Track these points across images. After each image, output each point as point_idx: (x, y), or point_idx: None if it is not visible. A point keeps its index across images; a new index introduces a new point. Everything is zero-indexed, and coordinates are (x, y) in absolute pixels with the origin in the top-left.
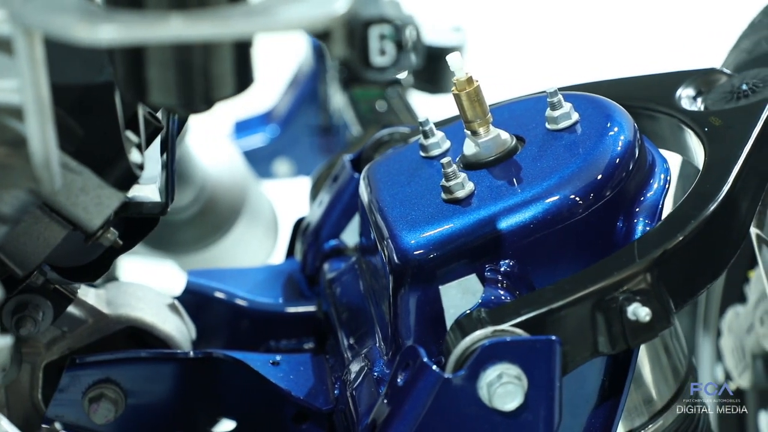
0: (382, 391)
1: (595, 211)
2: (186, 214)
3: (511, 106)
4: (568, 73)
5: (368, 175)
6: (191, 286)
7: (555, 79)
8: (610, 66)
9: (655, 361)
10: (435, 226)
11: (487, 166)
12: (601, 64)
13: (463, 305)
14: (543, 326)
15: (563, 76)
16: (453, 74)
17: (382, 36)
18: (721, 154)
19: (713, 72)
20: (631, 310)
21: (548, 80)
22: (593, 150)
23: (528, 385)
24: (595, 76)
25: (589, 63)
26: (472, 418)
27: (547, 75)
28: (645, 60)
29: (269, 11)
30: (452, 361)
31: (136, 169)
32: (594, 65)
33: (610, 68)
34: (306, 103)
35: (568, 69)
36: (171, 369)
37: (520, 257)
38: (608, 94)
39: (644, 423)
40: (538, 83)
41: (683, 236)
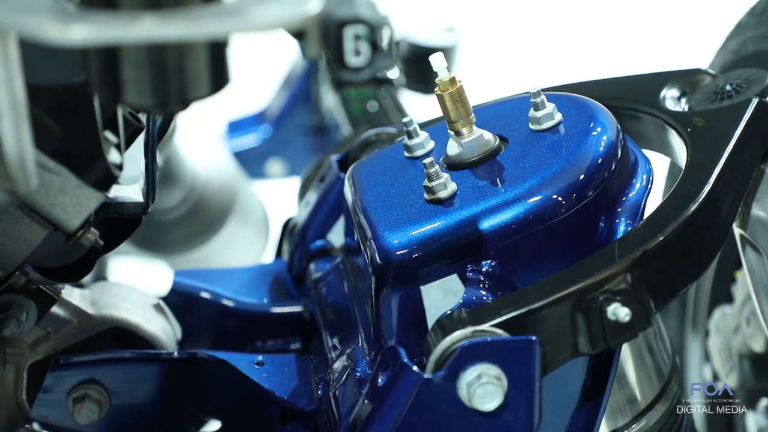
0: (364, 392)
1: (577, 212)
2: (175, 214)
3: (495, 106)
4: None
5: (352, 175)
6: (177, 287)
7: (546, 79)
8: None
9: (639, 361)
10: (417, 226)
11: (470, 167)
12: (591, 65)
13: (445, 305)
14: (523, 326)
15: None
16: None
17: (356, 36)
18: (703, 154)
19: (698, 73)
20: (611, 311)
21: (540, 80)
22: (576, 150)
23: (508, 386)
24: (584, 76)
25: (581, 63)
26: (453, 419)
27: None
28: (634, 60)
29: (242, 11)
30: (432, 362)
31: (115, 169)
32: (584, 65)
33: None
34: (299, 103)
35: (560, 69)
36: (155, 369)
37: (502, 257)
38: (593, 94)
39: (628, 423)
40: (531, 83)
41: (663, 237)
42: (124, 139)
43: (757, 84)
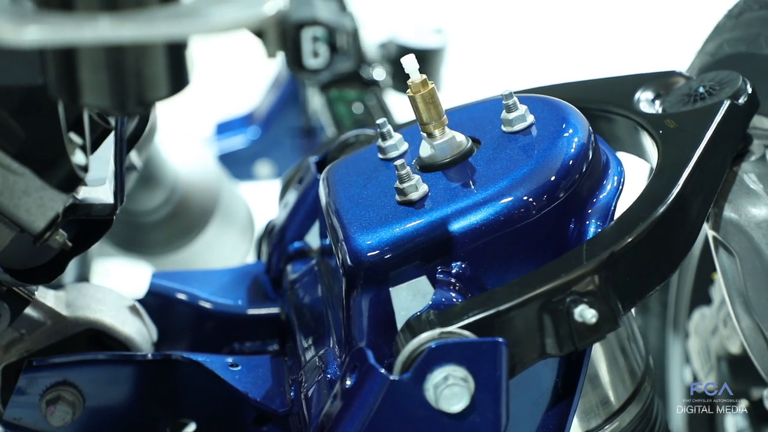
0: (332, 393)
1: (547, 213)
2: (157, 216)
3: (469, 108)
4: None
5: (327, 176)
6: (154, 288)
7: (533, 79)
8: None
9: (611, 363)
10: (388, 228)
11: (442, 168)
12: (578, 65)
13: (414, 307)
14: (491, 328)
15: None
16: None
17: (315, 38)
18: (673, 156)
19: (672, 75)
20: (578, 312)
21: (528, 81)
22: (547, 152)
23: (474, 387)
24: (570, 76)
25: (568, 64)
26: (420, 420)
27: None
28: (619, 61)
29: (198, 13)
30: (399, 363)
31: (80, 170)
32: (571, 66)
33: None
34: (287, 105)
35: (547, 70)
36: (129, 371)
37: (473, 259)
38: (567, 96)
39: (600, 424)
40: (519, 84)
41: (631, 238)
42: (91, 141)
43: (729, 86)
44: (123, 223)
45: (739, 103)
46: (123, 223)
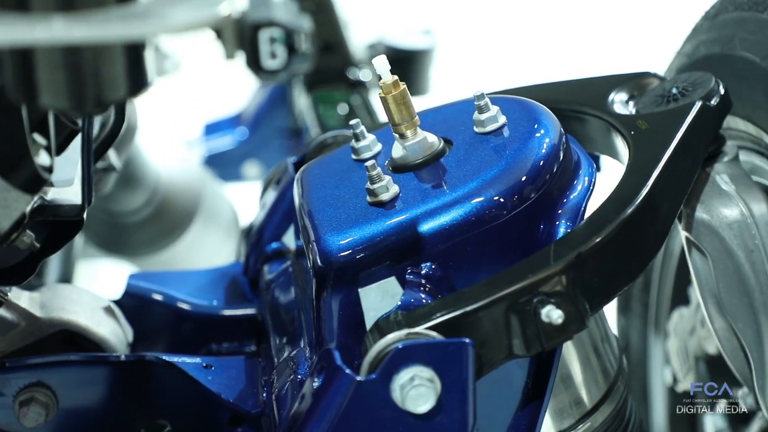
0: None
1: (518, 214)
2: (139, 217)
3: (442, 109)
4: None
5: (301, 177)
6: (131, 289)
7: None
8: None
9: (584, 363)
10: (358, 228)
11: (414, 169)
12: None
13: (383, 308)
14: (458, 329)
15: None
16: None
17: (272, 39)
18: (644, 157)
19: (646, 76)
20: (545, 313)
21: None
22: (518, 152)
23: (441, 388)
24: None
25: (557, 64)
26: (387, 421)
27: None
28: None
29: (152, 13)
30: (366, 364)
31: (44, 171)
32: (560, 66)
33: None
34: (275, 105)
35: (535, 70)
36: (103, 372)
37: (442, 260)
38: (542, 97)
39: (573, 424)
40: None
41: (599, 239)
42: (58, 142)
43: (702, 87)
44: (105, 224)
45: (711, 104)
46: (105, 224)
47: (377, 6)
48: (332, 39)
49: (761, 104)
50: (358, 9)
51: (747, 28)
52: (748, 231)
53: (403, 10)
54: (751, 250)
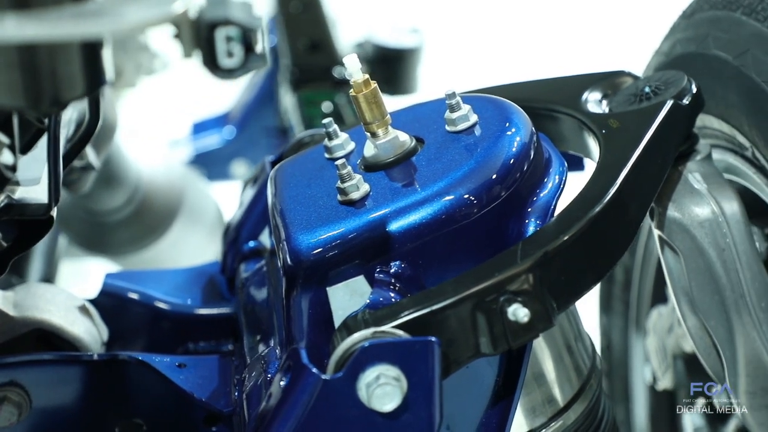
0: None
1: (488, 212)
2: (120, 216)
3: (415, 108)
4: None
5: (275, 176)
6: (108, 288)
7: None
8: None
9: (557, 361)
10: (328, 227)
11: (385, 168)
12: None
13: (351, 307)
14: (424, 327)
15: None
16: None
17: (228, 38)
18: (614, 155)
19: (621, 75)
20: (511, 311)
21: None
22: (488, 151)
23: (407, 386)
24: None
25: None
26: (354, 419)
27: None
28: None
29: (106, 11)
30: (332, 363)
31: (7, 170)
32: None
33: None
34: (263, 104)
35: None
36: (76, 371)
37: (412, 259)
38: (516, 96)
39: (545, 422)
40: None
41: (566, 237)
42: (24, 141)
43: (674, 86)
44: (86, 223)
45: (682, 103)
46: (86, 223)
47: (365, 5)
48: (319, 38)
49: (734, 103)
50: (345, 8)
51: (721, 26)
52: (719, 229)
53: (391, 8)
54: (723, 249)
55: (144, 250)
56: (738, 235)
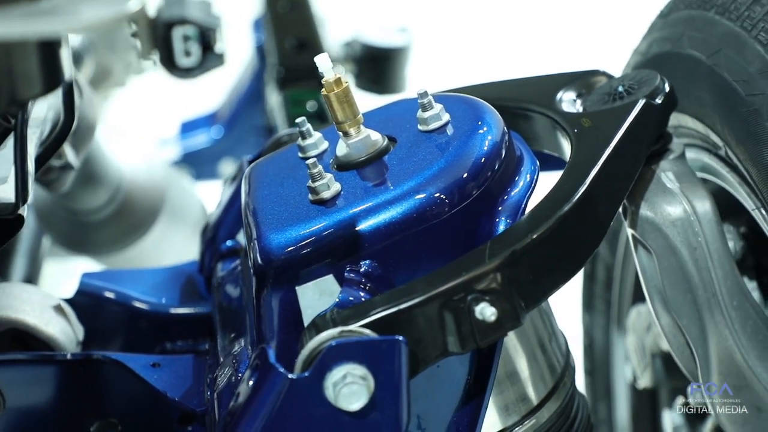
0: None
1: (459, 211)
2: (102, 215)
3: (388, 107)
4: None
5: (249, 175)
6: (84, 288)
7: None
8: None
9: (531, 359)
10: (298, 226)
11: (357, 167)
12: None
13: (321, 306)
14: (392, 326)
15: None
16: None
17: (186, 37)
18: (584, 154)
19: (595, 74)
20: (479, 310)
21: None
22: (459, 149)
23: (374, 385)
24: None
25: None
26: (321, 418)
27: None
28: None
29: (62, 10)
30: (299, 362)
31: None
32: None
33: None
34: (251, 103)
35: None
36: (51, 371)
37: (382, 258)
38: (491, 95)
39: (519, 420)
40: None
41: (534, 236)
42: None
43: (647, 85)
44: (67, 222)
45: (655, 102)
46: (67, 222)
47: (353, 4)
48: (306, 37)
49: (707, 102)
50: (334, 7)
51: (695, 26)
52: (691, 228)
53: (379, 8)
54: (694, 248)
55: (127, 250)
56: (710, 234)
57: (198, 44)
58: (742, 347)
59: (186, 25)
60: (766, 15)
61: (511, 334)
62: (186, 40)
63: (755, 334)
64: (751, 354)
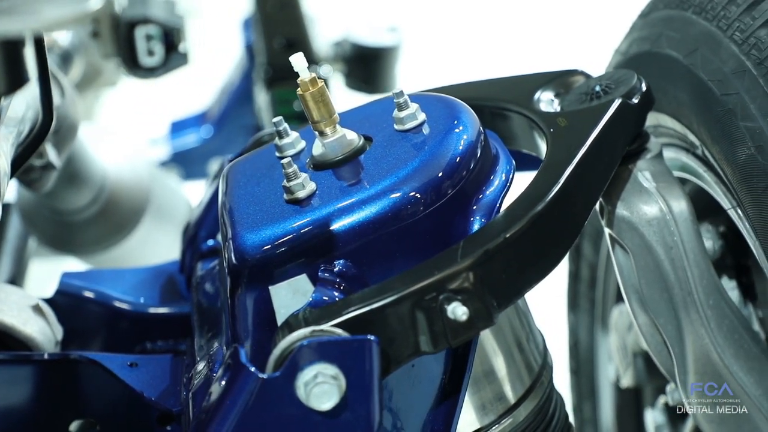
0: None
1: (434, 210)
2: (86, 214)
3: (365, 107)
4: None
5: (227, 174)
6: (64, 287)
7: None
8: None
9: (508, 358)
10: (272, 226)
11: (333, 167)
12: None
13: (294, 305)
14: (364, 326)
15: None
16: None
17: (148, 37)
18: (559, 154)
19: (574, 73)
20: (450, 310)
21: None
22: (435, 149)
23: (346, 385)
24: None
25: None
26: (293, 418)
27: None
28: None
29: (21, 9)
30: (271, 362)
31: None
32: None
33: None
34: (240, 103)
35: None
36: (27, 371)
37: (356, 257)
38: (469, 95)
39: (495, 419)
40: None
41: (507, 236)
42: None
43: (624, 85)
44: (51, 222)
45: (631, 101)
46: (51, 222)
47: (344, 3)
48: (295, 36)
49: (684, 102)
50: (324, 6)
51: (673, 26)
52: (667, 228)
53: (369, 7)
54: (670, 247)
55: (112, 249)
56: (686, 233)
57: (161, 44)
58: (718, 346)
59: (149, 24)
60: (741, 15)
61: (488, 332)
62: (149, 39)
63: (731, 333)
64: (727, 353)
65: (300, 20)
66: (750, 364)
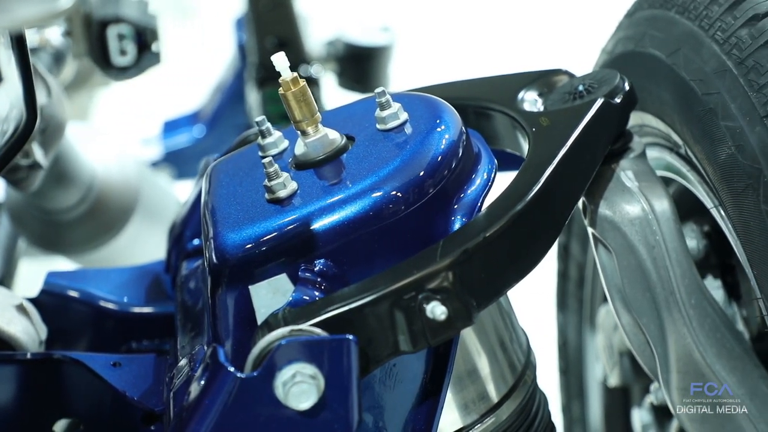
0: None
1: (415, 209)
2: (74, 214)
3: (348, 107)
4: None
5: (210, 173)
6: (49, 287)
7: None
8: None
9: (491, 357)
10: (253, 225)
11: (315, 166)
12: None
13: (274, 305)
14: (343, 325)
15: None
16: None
17: (120, 36)
18: (540, 153)
19: (558, 73)
20: (429, 309)
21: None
22: (416, 148)
23: (324, 385)
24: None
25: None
26: (271, 418)
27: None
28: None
29: None
30: (249, 361)
31: None
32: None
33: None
34: (233, 103)
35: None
36: (10, 371)
37: (337, 257)
38: (453, 94)
39: (478, 418)
40: None
41: (487, 235)
42: None
43: (606, 84)
44: (39, 222)
45: (614, 101)
46: (39, 222)
47: (337, 3)
48: (287, 35)
49: (667, 101)
50: (317, 6)
51: (657, 25)
52: (649, 227)
53: (362, 7)
54: (652, 246)
55: (101, 248)
56: (668, 233)
57: (134, 43)
58: (700, 345)
59: (121, 23)
60: (722, 14)
61: (471, 331)
62: (121, 38)
63: (713, 331)
64: (709, 352)
65: (292, 20)
66: (732, 363)
